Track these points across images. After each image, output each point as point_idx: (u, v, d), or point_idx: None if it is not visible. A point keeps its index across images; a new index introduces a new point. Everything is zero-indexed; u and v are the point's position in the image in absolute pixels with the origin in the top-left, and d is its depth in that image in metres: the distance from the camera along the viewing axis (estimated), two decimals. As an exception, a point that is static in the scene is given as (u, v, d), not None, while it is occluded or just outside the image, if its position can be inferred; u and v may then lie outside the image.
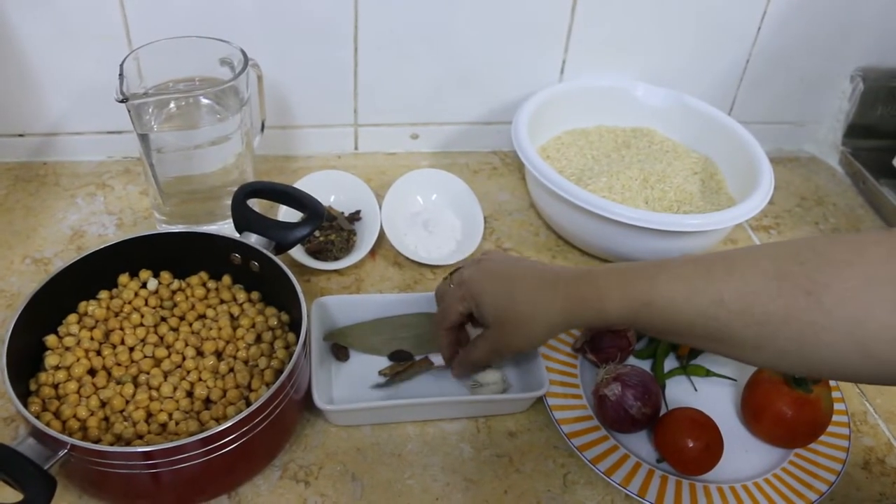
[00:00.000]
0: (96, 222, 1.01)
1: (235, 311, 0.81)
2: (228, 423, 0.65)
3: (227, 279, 0.84)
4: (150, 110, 0.87)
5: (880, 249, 0.57)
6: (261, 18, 1.01)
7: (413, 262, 0.97)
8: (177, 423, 0.71)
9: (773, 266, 0.60)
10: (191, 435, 0.68)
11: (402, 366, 0.83)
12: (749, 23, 1.14)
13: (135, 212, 1.03)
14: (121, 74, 0.82)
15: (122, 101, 0.79)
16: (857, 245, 0.59)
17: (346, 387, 0.82)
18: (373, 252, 0.98)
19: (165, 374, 0.75)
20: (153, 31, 0.89)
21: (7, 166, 1.08)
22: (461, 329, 0.82)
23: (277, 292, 0.80)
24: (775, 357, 0.61)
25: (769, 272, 0.60)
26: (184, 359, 0.76)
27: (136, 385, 0.73)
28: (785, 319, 0.58)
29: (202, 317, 0.81)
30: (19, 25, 0.97)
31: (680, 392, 0.86)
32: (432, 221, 1.02)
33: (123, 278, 0.82)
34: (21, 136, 1.07)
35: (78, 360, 0.74)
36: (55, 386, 0.72)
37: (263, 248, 0.80)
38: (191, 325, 0.80)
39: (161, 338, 0.78)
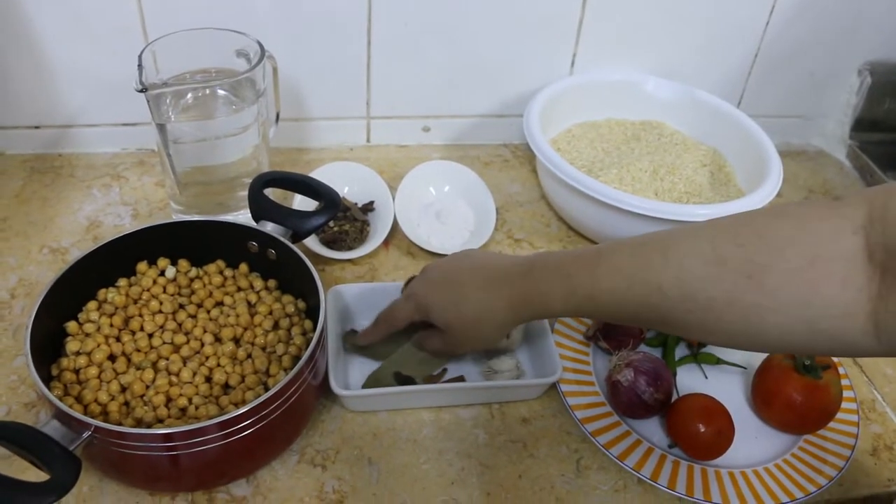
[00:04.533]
0: (112, 213, 1.02)
1: (253, 298, 0.82)
2: (247, 408, 0.66)
3: (244, 267, 0.84)
4: (168, 101, 0.88)
5: (824, 226, 0.56)
6: (275, 11, 1.02)
7: (426, 251, 0.98)
8: (196, 408, 0.72)
9: (711, 248, 0.59)
10: (210, 418, 0.69)
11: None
12: (758, 17, 1.15)
13: (150, 202, 1.04)
14: (140, 65, 0.83)
15: (141, 91, 0.80)
16: (798, 222, 0.57)
17: (363, 373, 0.83)
18: (386, 242, 0.99)
19: (184, 360, 0.76)
20: (169, 24, 0.90)
21: (23, 158, 1.09)
22: None
23: (294, 280, 0.81)
24: (725, 338, 0.61)
25: (708, 255, 0.59)
26: (202, 345, 0.77)
27: (156, 370, 0.74)
28: (728, 303, 0.58)
29: (220, 304, 0.82)
30: (35, 18, 0.98)
31: (691, 379, 0.86)
32: (445, 212, 1.03)
33: (142, 266, 0.83)
34: (37, 128, 1.08)
35: (98, 345, 0.75)
36: (76, 371, 0.73)
37: (280, 237, 0.81)
38: (209, 312, 0.81)
39: (179, 324, 0.79)
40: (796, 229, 0.57)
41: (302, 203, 0.96)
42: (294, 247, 0.80)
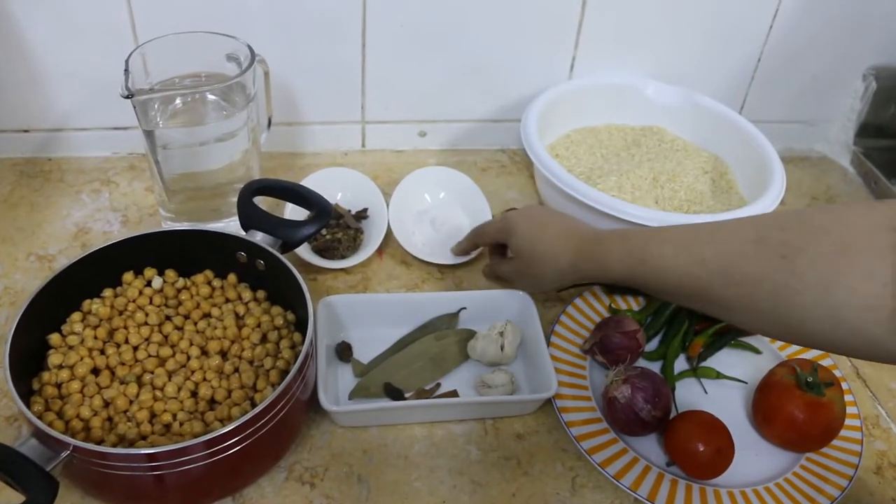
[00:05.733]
0: (101, 219, 1.00)
1: (241, 310, 0.80)
2: (233, 425, 0.64)
3: (232, 278, 0.83)
4: (156, 106, 0.86)
5: (862, 221, 0.58)
6: (268, 14, 1.00)
7: (421, 261, 0.96)
8: (181, 424, 0.70)
9: (754, 230, 0.64)
10: (195, 436, 0.67)
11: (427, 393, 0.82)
12: (761, 20, 1.13)
13: (140, 208, 1.02)
14: (126, 70, 0.81)
15: (127, 97, 0.78)
16: (840, 215, 0.61)
17: (352, 388, 0.81)
18: (380, 250, 0.97)
19: (170, 374, 0.74)
20: (159, 27, 0.88)
21: (12, 162, 1.07)
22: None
23: (283, 291, 0.79)
24: (754, 318, 0.64)
25: (750, 236, 0.63)
26: (188, 358, 0.75)
27: (140, 385, 0.73)
28: (760, 280, 0.61)
29: (207, 316, 0.80)
30: (24, 21, 0.96)
31: (690, 394, 0.85)
32: (440, 219, 1.01)
33: (128, 276, 0.81)
34: (26, 131, 1.07)
35: (81, 359, 0.73)
36: (58, 385, 0.72)
37: (269, 247, 0.79)
38: (196, 324, 0.79)
39: (165, 337, 0.77)
40: (835, 221, 0.60)
41: (294, 211, 0.95)
42: (283, 257, 0.78)
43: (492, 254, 0.95)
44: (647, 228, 0.76)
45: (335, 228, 0.96)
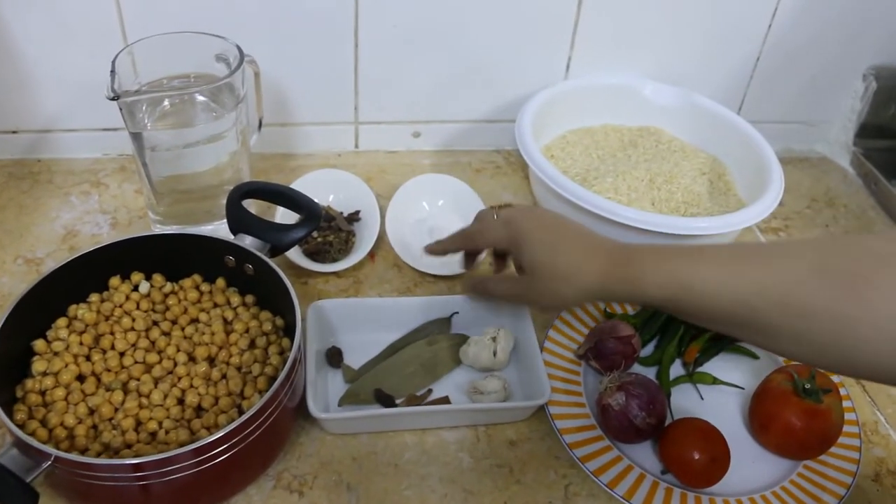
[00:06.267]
0: (90, 221, 0.99)
1: (229, 315, 0.79)
2: (220, 433, 0.63)
3: (220, 282, 0.81)
4: (144, 108, 0.85)
5: None
6: (260, 13, 0.99)
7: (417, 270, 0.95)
8: (167, 432, 0.69)
9: (817, 259, 0.59)
10: (181, 444, 0.66)
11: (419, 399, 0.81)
12: (760, 19, 1.12)
13: (130, 211, 1.00)
14: (112, 71, 0.80)
15: (113, 99, 0.77)
16: None
17: (342, 394, 0.80)
18: (372, 253, 0.96)
19: (156, 381, 0.72)
20: (149, 27, 0.87)
21: (1, 164, 1.06)
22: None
23: (272, 296, 0.78)
24: (813, 351, 0.59)
25: (813, 263, 0.59)
26: (175, 364, 0.74)
27: (126, 392, 0.71)
28: (824, 312, 0.57)
29: (195, 321, 0.79)
30: (13, 20, 0.95)
31: (686, 400, 0.83)
32: (438, 229, 0.98)
33: (115, 281, 0.80)
34: (14, 132, 1.05)
35: (66, 365, 0.72)
36: (42, 393, 0.70)
37: (257, 251, 0.78)
38: (183, 329, 0.78)
39: (153, 343, 0.76)
40: None
41: (285, 213, 0.93)
42: (271, 262, 0.77)
43: (468, 259, 0.88)
44: (683, 246, 0.68)
45: (327, 231, 0.95)
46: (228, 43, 0.86)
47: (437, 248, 0.84)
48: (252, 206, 0.83)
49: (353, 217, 0.99)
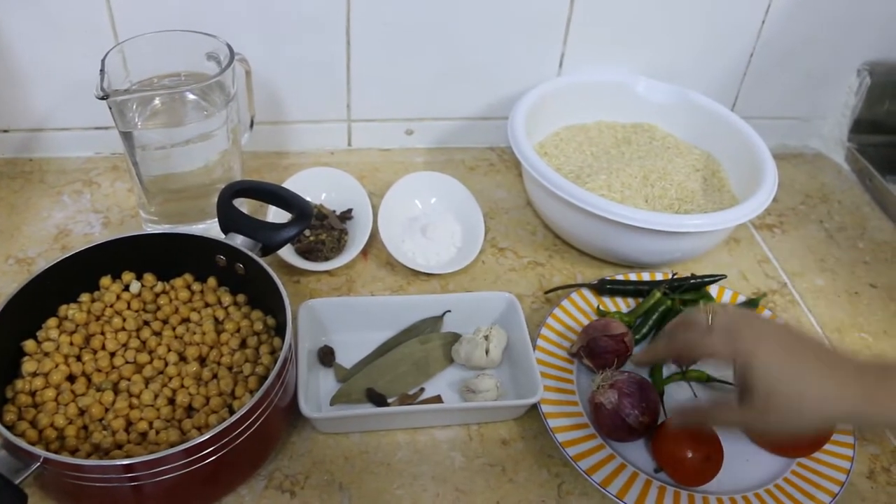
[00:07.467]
0: (82, 221, 0.98)
1: (220, 314, 0.78)
2: (211, 433, 0.63)
3: (212, 281, 0.81)
4: (134, 107, 0.85)
5: None
6: (251, 11, 0.98)
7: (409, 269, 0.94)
8: (157, 433, 0.68)
9: None
10: (171, 444, 0.66)
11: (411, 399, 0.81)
12: (753, 15, 1.11)
13: (122, 210, 1.00)
14: (102, 70, 0.79)
15: (102, 99, 0.77)
16: None
17: (334, 393, 0.80)
18: (364, 252, 0.95)
19: (147, 381, 0.72)
20: (140, 25, 0.87)
21: (-8, 163, 1.06)
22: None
23: (263, 295, 0.78)
24: None
25: None
26: (166, 364, 0.74)
27: (117, 392, 0.71)
28: None
29: (186, 321, 0.78)
30: (3, 19, 0.95)
31: (679, 398, 0.83)
32: (431, 227, 0.98)
33: (105, 280, 0.79)
34: (6, 131, 1.05)
35: (56, 366, 0.71)
36: (32, 393, 0.70)
37: (248, 250, 0.78)
38: (174, 329, 0.77)
39: (143, 342, 0.76)
40: None
41: (277, 212, 0.93)
42: (261, 261, 0.77)
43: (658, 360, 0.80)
44: None
45: (319, 230, 0.95)
46: (219, 41, 0.86)
47: (645, 359, 0.81)
48: (244, 205, 0.83)
49: (346, 215, 0.99)
